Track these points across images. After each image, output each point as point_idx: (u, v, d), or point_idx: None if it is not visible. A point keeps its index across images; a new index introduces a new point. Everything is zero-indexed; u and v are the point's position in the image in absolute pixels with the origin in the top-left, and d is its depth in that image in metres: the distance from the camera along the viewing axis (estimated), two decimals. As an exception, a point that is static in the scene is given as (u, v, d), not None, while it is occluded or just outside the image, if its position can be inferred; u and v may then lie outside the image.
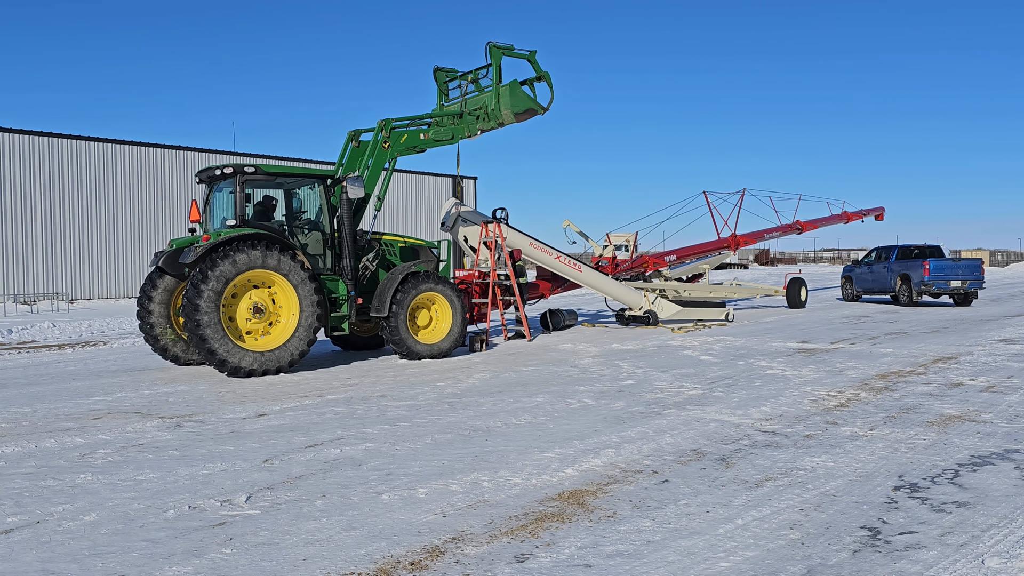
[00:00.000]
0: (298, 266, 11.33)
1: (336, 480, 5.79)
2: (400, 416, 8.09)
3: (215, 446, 6.89)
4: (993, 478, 5.63)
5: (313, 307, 11.38)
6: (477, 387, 9.90)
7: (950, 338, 14.61)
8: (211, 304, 10.61)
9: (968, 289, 23.04)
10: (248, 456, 6.51)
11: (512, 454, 6.47)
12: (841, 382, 9.81)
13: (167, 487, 5.65)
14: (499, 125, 14.53)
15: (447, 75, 15.22)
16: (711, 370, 10.97)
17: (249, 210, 11.95)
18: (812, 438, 6.92)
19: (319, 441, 7.02)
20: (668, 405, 8.48)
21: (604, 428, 7.41)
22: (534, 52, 14.83)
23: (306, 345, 11.36)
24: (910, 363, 11.40)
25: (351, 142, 13.55)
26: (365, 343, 14.26)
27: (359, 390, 9.81)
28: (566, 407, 8.48)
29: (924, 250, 24.45)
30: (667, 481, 5.67)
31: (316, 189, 12.54)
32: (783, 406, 8.35)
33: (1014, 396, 8.74)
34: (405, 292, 12.49)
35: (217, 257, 10.76)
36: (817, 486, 5.50)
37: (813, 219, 26.54)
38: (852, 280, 26.43)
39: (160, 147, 32.13)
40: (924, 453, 6.35)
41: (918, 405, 8.31)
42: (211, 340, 10.57)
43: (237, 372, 10.82)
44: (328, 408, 8.60)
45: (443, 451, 6.62)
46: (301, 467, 6.17)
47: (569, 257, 17.00)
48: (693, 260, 22.96)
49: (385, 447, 6.77)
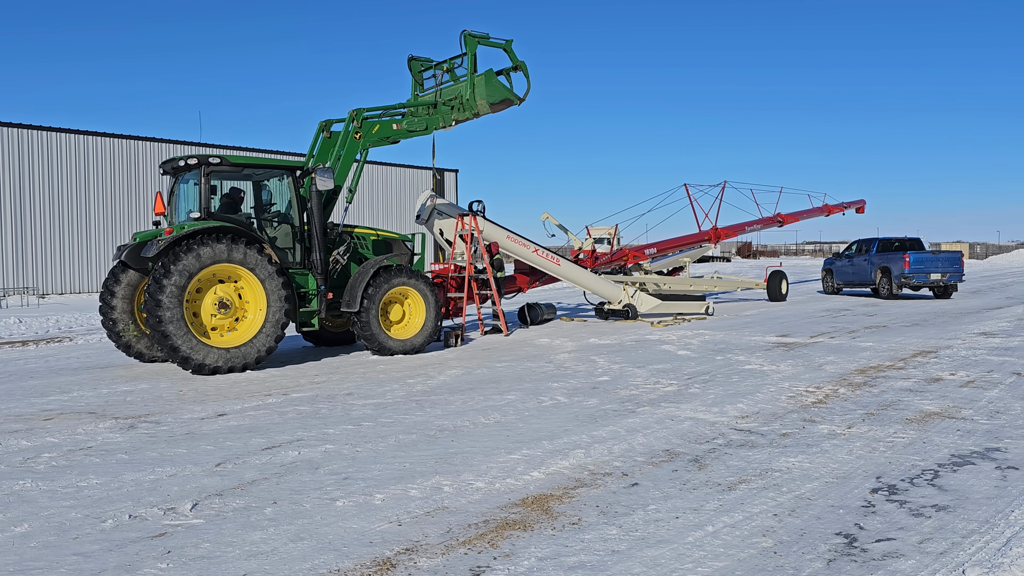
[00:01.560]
0: (265, 260, 11.00)
1: (290, 485, 5.51)
2: (365, 415, 7.80)
3: (167, 449, 6.58)
4: (973, 479, 5.42)
5: (281, 302, 11.06)
6: (448, 384, 9.63)
7: (930, 331, 14.48)
8: (174, 299, 10.26)
9: (948, 282, 22.98)
10: (200, 459, 6.21)
11: (477, 456, 6.21)
12: (819, 377, 9.61)
13: (109, 494, 5.34)
14: (475, 115, 14.23)
15: (422, 64, 14.89)
16: (688, 365, 10.75)
17: (215, 202, 11.59)
18: (788, 437, 6.70)
19: (277, 443, 6.72)
20: (642, 402, 8.25)
21: (575, 427, 7.16)
22: (510, 41, 14.54)
23: (273, 341, 11.04)
24: (889, 357, 11.23)
25: (322, 132, 13.23)
26: (336, 338, 13.94)
27: (326, 388, 9.51)
28: (537, 405, 8.23)
29: (904, 243, 24.38)
30: (637, 484, 5.43)
31: (285, 181, 12.20)
32: (760, 403, 8.13)
33: (994, 391, 8.57)
34: (377, 286, 12.18)
35: (180, 251, 10.41)
36: (792, 488, 5.27)
37: (794, 212, 26.38)
38: (833, 273, 26.33)
39: (132, 139, 31.57)
40: (903, 452, 6.14)
41: (897, 401, 8.12)
42: (174, 337, 10.23)
43: (201, 369, 10.49)
44: (291, 407, 8.30)
45: (406, 453, 6.35)
46: (255, 471, 5.87)
47: (547, 250, 16.73)
48: (674, 253, 22.74)
49: (346, 449, 6.49)
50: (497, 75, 14.26)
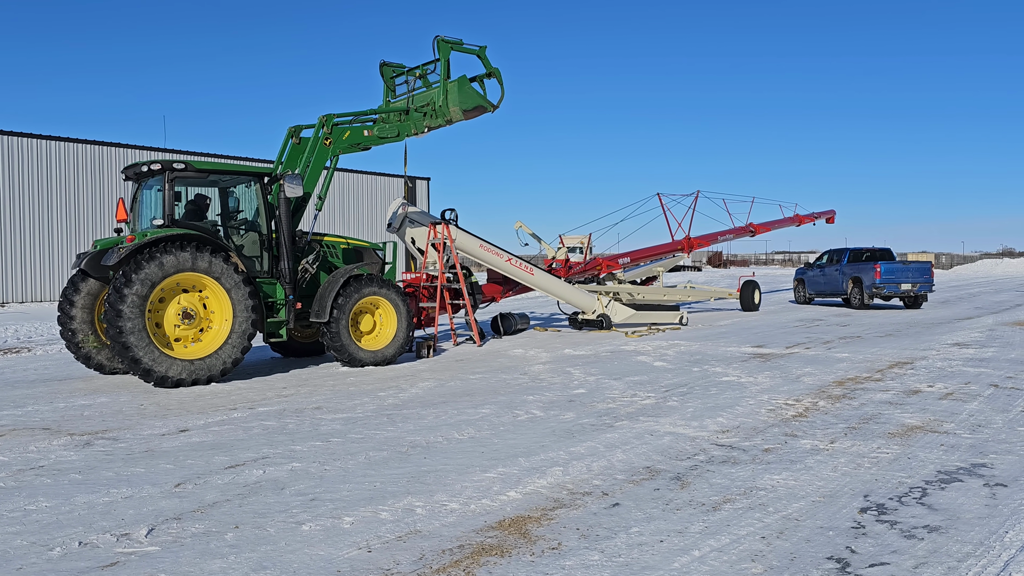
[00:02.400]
0: (231, 268, 10.66)
1: (254, 507, 5.21)
2: (334, 431, 7.51)
3: (124, 468, 6.25)
4: (963, 497, 5.28)
5: (247, 312, 10.72)
6: (420, 397, 9.36)
7: (904, 342, 14.48)
8: (135, 309, 9.88)
9: (918, 292, 23.13)
10: (159, 479, 5.89)
11: (451, 474, 5.96)
12: (798, 389, 9.48)
13: (59, 519, 5.01)
14: (447, 122, 14.00)
15: (394, 70, 14.63)
16: (665, 377, 10.58)
17: (180, 209, 11.23)
18: (771, 452, 6.53)
19: (241, 461, 6.42)
20: (620, 416, 8.04)
21: (552, 443, 6.93)
22: (484, 47, 14.34)
23: (239, 353, 10.69)
24: (866, 368, 11.15)
25: (291, 138, 12.91)
26: (306, 349, 13.59)
27: (293, 401, 9.20)
28: (513, 419, 7.99)
29: (875, 253, 24.52)
30: (618, 504, 5.21)
31: (252, 187, 11.86)
32: (740, 416, 7.97)
33: (974, 404, 8.49)
34: (347, 296, 11.88)
35: (142, 259, 10.04)
36: (779, 508, 5.09)
37: (766, 222, 26.49)
38: (804, 283, 26.43)
39: (94, 144, 30.89)
40: (888, 469, 5.99)
41: (878, 414, 8.00)
42: (135, 348, 9.84)
43: (164, 382, 10.11)
44: (257, 422, 7.98)
45: (376, 471, 6.08)
46: (216, 492, 5.57)
47: (521, 259, 16.52)
48: (647, 262, 22.67)
49: (313, 467, 6.20)
50: (471, 81, 14.04)
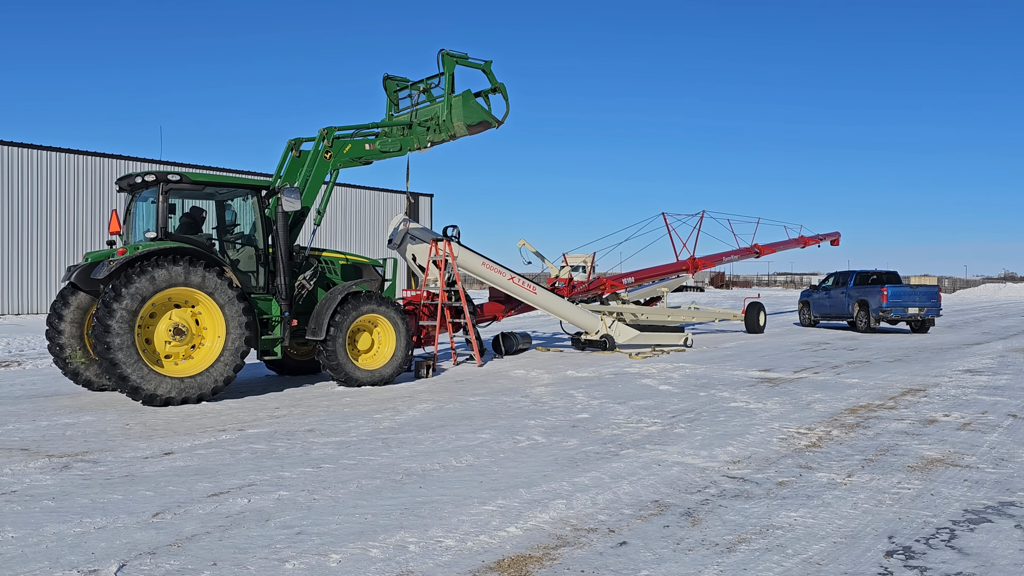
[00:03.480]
0: (226, 284, 10.35)
1: (235, 541, 4.87)
2: (326, 456, 7.17)
3: (101, 494, 5.90)
4: (995, 540, 4.92)
5: (241, 329, 10.40)
6: (417, 420, 9.01)
7: (914, 368, 14.12)
8: (124, 325, 9.57)
9: (925, 316, 22.79)
10: (137, 508, 5.55)
11: (448, 506, 5.61)
12: (810, 417, 9.13)
13: (24, 551, 4.67)
14: (451, 137, 13.73)
15: (397, 84, 14.39)
16: (671, 402, 10.23)
17: (174, 222, 10.94)
18: (786, 486, 6.17)
19: (226, 488, 6.07)
20: (626, 444, 7.69)
21: (555, 472, 6.59)
22: (489, 62, 14.10)
23: (232, 371, 10.35)
24: (878, 395, 10.80)
25: (291, 151, 12.62)
26: (302, 367, 13.25)
27: (285, 423, 8.85)
28: (513, 445, 7.64)
29: (882, 276, 24.20)
30: (625, 543, 4.86)
31: (249, 201, 11.57)
32: (751, 446, 7.62)
33: (994, 435, 8.14)
34: (345, 313, 11.55)
35: (133, 273, 9.73)
36: (798, 550, 4.73)
37: (771, 243, 26.17)
38: (810, 305, 26.09)
39: (90, 155, 30.68)
40: (912, 506, 5.64)
41: (895, 445, 7.64)
42: (123, 365, 9.52)
43: (153, 400, 9.77)
44: (246, 445, 7.64)
45: (368, 501, 5.73)
46: (196, 523, 5.22)
47: (523, 278, 16.21)
48: (651, 283, 22.34)
49: (301, 496, 5.86)
50: (475, 96, 13.80)
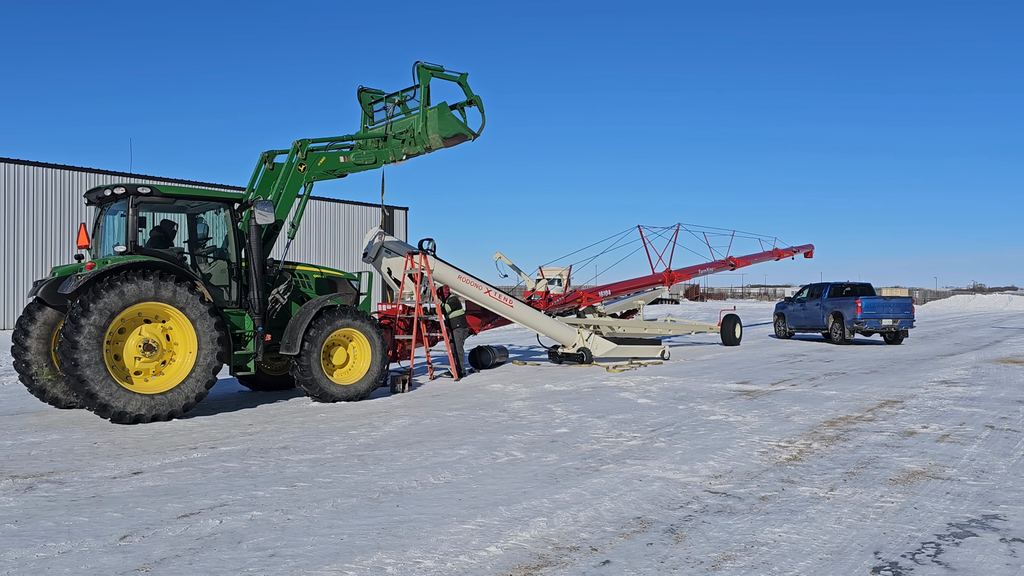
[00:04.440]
0: (197, 298, 10.14)
1: (205, 565, 4.70)
2: (300, 474, 7.00)
3: (67, 517, 5.69)
4: (981, 555, 4.88)
5: (213, 344, 10.19)
6: (394, 436, 8.85)
7: (890, 379, 14.19)
8: (92, 341, 9.33)
9: (899, 328, 22.99)
10: (103, 531, 5.35)
11: (426, 525, 5.47)
12: (789, 430, 9.10)
13: (-16, 579, 4.48)
14: (426, 150, 13.63)
15: (372, 96, 14.28)
16: (650, 415, 10.16)
17: (144, 235, 10.73)
18: (769, 501, 6.11)
19: (197, 509, 5.89)
20: (606, 459, 7.60)
21: (535, 489, 6.47)
22: (465, 75, 14.04)
23: (204, 387, 10.14)
24: (856, 407, 10.81)
25: (264, 164, 12.44)
26: (275, 383, 13.03)
27: (259, 440, 8.66)
28: (492, 461, 7.52)
29: (856, 288, 24.41)
30: (608, 562, 4.75)
31: (222, 214, 11.38)
32: (732, 460, 7.55)
33: (973, 447, 8.15)
34: (319, 328, 11.38)
35: (102, 287, 9.51)
36: (784, 567, 4.66)
37: (746, 255, 26.33)
38: (785, 317, 26.24)
39: (58, 168, 30.19)
40: (896, 521, 5.59)
41: (875, 458, 7.62)
42: (91, 382, 9.27)
43: (122, 418, 9.53)
44: (218, 463, 7.44)
45: (344, 521, 5.58)
46: (166, 546, 5.04)
47: (500, 291, 16.11)
48: (628, 295, 22.36)
49: (275, 516, 5.69)
50: (451, 109, 13.73)
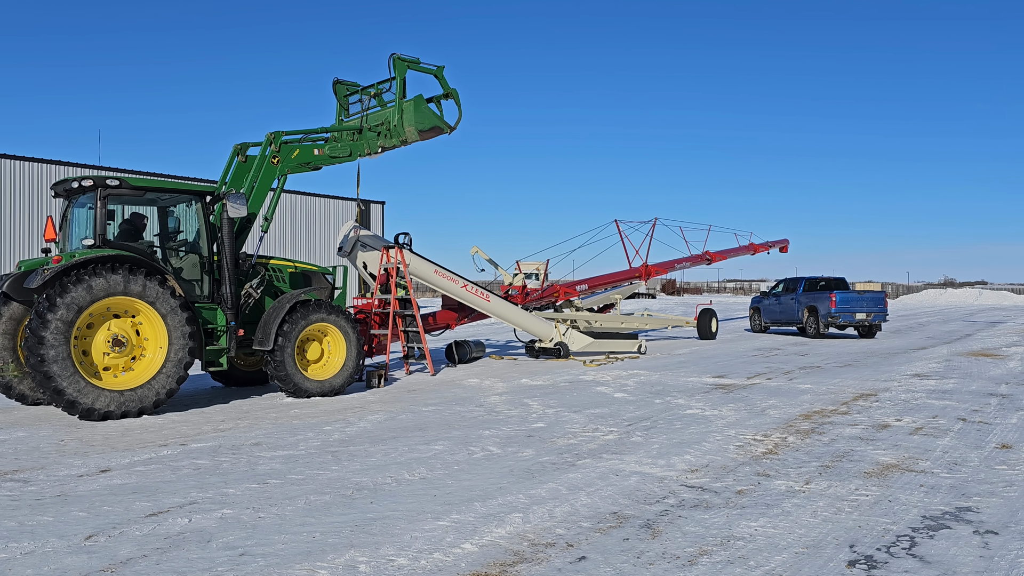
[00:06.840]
0: (168, 293, 9.97)
1: (173, 565, 4.59)
2: (272, 471, 6.89)
3: (30, 516, 5.55)
4: (955, 547, 4.89)
5: (184, 339, 10.03)
6: (368, 432, 8.76)
7: (864, 372, 14.30)
8: (59, 336, 9.14)
9: (873, 321, 23.20)
10: (68, 530, 5.22)
11: (400, 522, 5.40)
12: (765, 424, 9.12)
13: (-58, 582, 4.34)
14: (402, 143, 13.51)
15: (348, 88, 14.12)
16: (627, 410, 10.14)
17: (113, 229, 10.53)
18: (745, 495, 6.10)
19: (165, 507, 5.77)
20: (583, 453, 7.56)
21: (511, 484, 6.42)
22: (441, 68, 13.93)
23: (175, 383, 9.98)
24: (831, 401, 10.86)
25: (237, 156, 12.26)
26: (248, 379, 12.86)
27: (231, 436, 8.52)
28: (468, 457, 7.45)
29: (830, 282, 24.60)
30: (584, 558, 4.71)
31: (193, 207, 11.19)
32: (708, 454, 7.54)
33: (945, 440, 8.20)
34: (293, 323, 11.24)
35: (69, 282, 9.32)
36: (760, 562, 4.64)
37: (722, 250, 26.41)
38: (760, 311, 26.40)
39: (24, 159, 29.57)
40: (871, 513, 5.59)
41: (850, 451, 7.65)
42: (58, 378, 9.09)
43: (90, 415, 9.35)
44: (188, 460, 7.31)
45: (317, 518, 5.49)
46: (132, 546, 4.92)
47: (476, 285, 16.03)
48: (605, 290, 22.34)
49: (246, 514, 5.59)
50: (427, 102, 13.61)
